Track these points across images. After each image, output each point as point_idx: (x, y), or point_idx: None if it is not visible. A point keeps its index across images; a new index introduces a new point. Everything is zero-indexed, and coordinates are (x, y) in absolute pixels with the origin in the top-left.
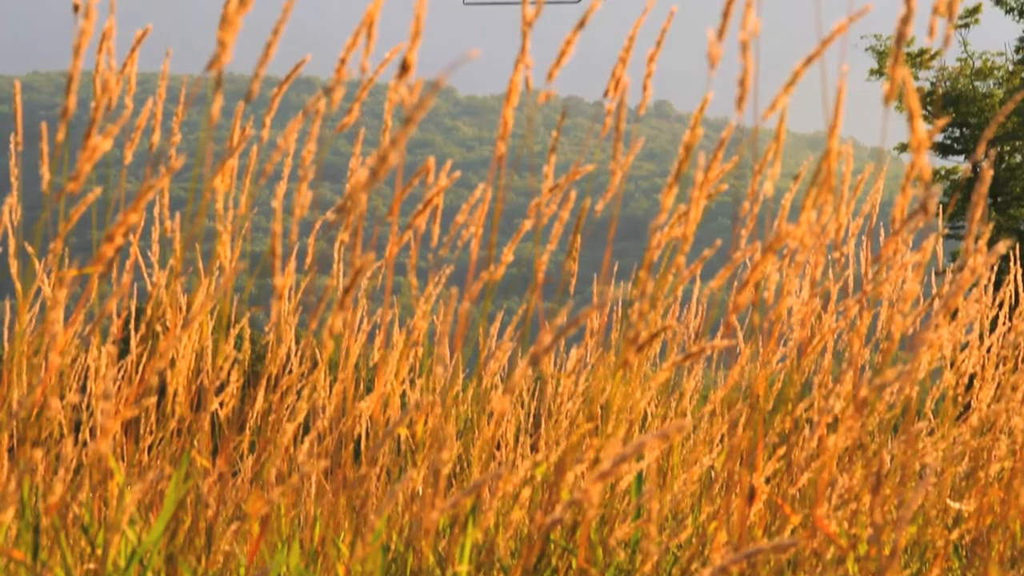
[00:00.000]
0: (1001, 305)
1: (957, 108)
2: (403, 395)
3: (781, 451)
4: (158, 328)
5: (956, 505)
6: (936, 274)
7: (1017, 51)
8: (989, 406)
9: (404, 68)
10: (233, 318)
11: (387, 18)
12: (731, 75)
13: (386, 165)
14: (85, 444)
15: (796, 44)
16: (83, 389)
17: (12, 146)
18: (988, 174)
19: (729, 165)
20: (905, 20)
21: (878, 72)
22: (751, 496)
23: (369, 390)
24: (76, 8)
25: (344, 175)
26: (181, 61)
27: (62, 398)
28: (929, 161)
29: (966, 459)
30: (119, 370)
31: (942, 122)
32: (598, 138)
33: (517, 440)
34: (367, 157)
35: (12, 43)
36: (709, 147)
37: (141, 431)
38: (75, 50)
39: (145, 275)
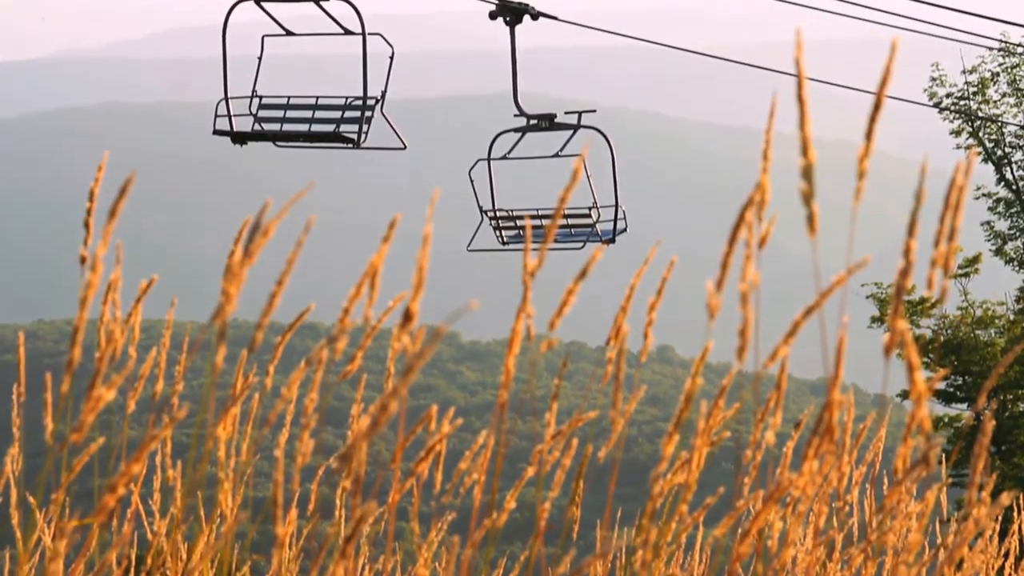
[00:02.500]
0: (1007, 555)
1: (959, 356)
2: None
3: None
4: None
5: None
6: (941, 523)
7: (1018, 300)
8: None
9: (407, 317)
10: (234, 566)
11: (391, 259)
12: (733, 319)
13: (387, 414)
14: None
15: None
16: None
17: (15, 396)
18: (990, 424)
19: (731, 412)
20: (904, 273)
21: (879, 320)
22: None
23: None
24: (83, 260)
25: (347, 420)
26: (185, 307)
27: None
28: (932, 409)
29: None
30: None
31: (942, 374)
32: (600, 383)
33: None
34: (369, 403)
35: (18, 292)
36: (712, 391)
37: None
38: (81, 303)
39: (146, 523)
